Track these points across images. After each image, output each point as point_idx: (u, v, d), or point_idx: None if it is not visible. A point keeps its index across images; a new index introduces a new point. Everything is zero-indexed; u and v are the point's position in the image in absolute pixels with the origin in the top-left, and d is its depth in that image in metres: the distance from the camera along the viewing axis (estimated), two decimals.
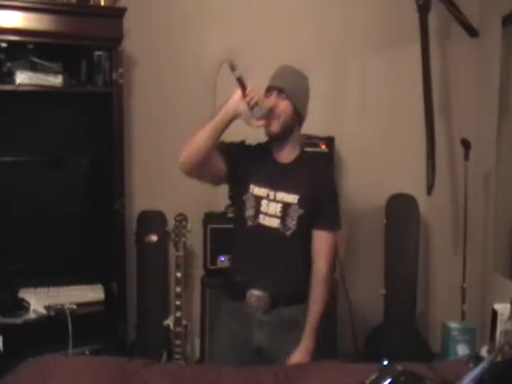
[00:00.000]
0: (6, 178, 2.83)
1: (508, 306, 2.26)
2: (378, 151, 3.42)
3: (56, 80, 2.74)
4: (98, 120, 2.96)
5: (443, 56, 3.39)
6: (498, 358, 1.63)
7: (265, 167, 2.10)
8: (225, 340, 2.13)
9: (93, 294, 2.84)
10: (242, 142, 2.18)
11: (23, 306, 2.65)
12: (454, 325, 2.95)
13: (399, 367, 1.56)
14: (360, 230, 3.44)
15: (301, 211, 2.03)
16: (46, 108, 2.87)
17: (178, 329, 2.80)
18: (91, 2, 2.83)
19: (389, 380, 1.51)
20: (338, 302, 3.20)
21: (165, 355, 2.82)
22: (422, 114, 3.14)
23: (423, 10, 3.10)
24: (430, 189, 3.14)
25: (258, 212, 2.06)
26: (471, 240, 3.25)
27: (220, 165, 2.06)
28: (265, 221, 2.05)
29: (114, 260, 2.93)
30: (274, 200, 2.04)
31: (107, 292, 2.88)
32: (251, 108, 1.93)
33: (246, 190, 2.09)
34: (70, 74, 2.83)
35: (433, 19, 3.19)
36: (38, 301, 2.69)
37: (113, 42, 2.84)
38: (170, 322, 2.84)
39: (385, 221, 3.27)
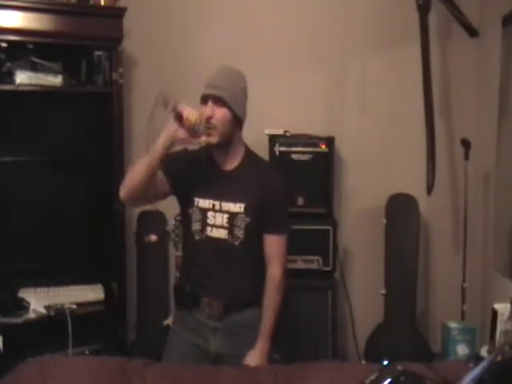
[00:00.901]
0: (6, 178, 2.83)
1: (508, 305, 2.26)
2: (377, 151, 3.41)
3: (56, 80, 2.74)
4: (98, 120, 2.96)
5: (443, 56, 3.39)
6: (498, 358, 1.63)
7: (208, 177, 2.07)
8: (177, 349, 2.14)
9: (93, 294, 2.84)
10: (185, 150, 2.12)
11: (23, 306, 2.65)
12: (453, 325, 2.94)
13: (399, 367, 1.56)
14: (360, 230, 3.44)
15: (247, 219, 2.02)
16: (46, 108, 2.87)
17: None
18: (91, 2, 2.83)
19: (389, 380, 1.51)
20: (338, 302, 3.21)
21: None
22: (422, 113, 3.13)
23: (423, 9, 3.09)
24: (429, 189, 3.14)
25: (205, 224, 2.05)
26: (471, 240, 3.24)
27: (163, 183, 2.04)
28: (212, 233, 2.05)
29: (114, 260, 2.93)
30: (220, 210, 2.03)
31: (107, 292, 2.88)
32: (191, 131, 1.91)
33: (191, 203, 2.07)
34: (70, 74, 2.83)
35: (433, 19, 3.19)
36: (38, 301, 2.69)
37: (113, 41, 2.84)
38: (169, 322, 2.83)
39: (385, 221, 3.27)
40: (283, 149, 3.06)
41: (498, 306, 2.32)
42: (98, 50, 2.84)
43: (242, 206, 2.02)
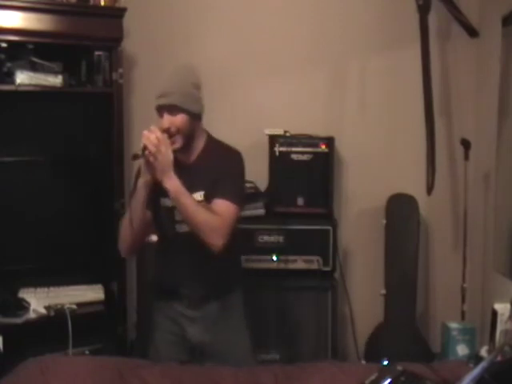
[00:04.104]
0: (5, 178, 2.83)
1: (508, 305, 2.27)
2: (378, 151, 3.41)
3: (56, 80, 2.74)
4: (98, 120, 2.96)
5: (443, 56, 3.39)
6: (498, 358, 1.64)
7: None
8: (160, 339, 2.20)
9: (93, 293, 2.84)
10: None
11: (23, 306, 2.65)
12: (454, 325, 2.95)
13: (399, 367, 1.56)
14: (360, 230, 3.44)
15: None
16: (46, 108, 2.87)
17: None
18: (91, 2, 2.83)
19: (389, 380, 1.52)
20: (338, 302, 3.21)
21: None
22: (422, 114, 3.13)
23: (423, 9, 3.09)
24: (429, 189, 3.13)
25: (173, 222, 2.08)
26: (471, 240, 3.24)
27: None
28: (181, 229, 2.07)
29: (114, 260, 2.93)
30: None
31: (107, 292, 2.88)
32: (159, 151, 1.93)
33: (158, 204, 2.11)
34: (70, 74, 2.82)
35: (433, 19, 3.19)
36: (38, 301, 2.69)
37: (113, 42, 2.83)
38: None
39: (385, 221, 3.27)
40: (283, 149, 3.06)
41: (498, 306, 2.32)
42: (98, 50, 2.84)
43: (202, 193, 2.03)
